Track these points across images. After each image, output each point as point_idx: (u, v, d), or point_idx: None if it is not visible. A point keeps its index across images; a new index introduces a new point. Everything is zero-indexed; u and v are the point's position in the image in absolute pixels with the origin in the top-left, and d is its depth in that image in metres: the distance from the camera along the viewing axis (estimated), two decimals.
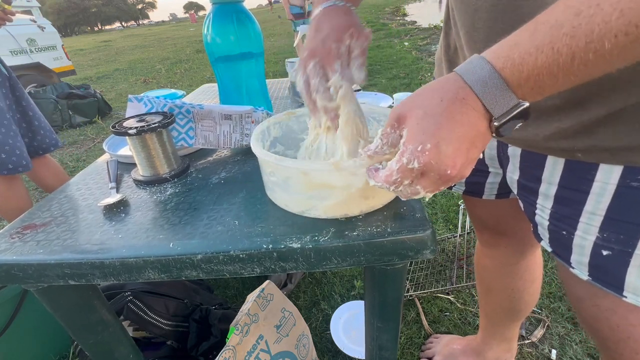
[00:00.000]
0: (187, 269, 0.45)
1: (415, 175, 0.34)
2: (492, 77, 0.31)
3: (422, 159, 0.32)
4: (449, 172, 0.33)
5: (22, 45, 4.29)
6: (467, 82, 0.32)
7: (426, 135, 0.33)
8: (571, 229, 0.46)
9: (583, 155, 0.42)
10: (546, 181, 0.47)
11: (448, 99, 0.33)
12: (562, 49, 0.28)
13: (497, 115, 0.32)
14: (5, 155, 1.24)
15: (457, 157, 0.33)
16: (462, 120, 0.32)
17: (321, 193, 0.45)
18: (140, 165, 0.63)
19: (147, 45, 13.22)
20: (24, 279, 0.47)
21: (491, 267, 0.83)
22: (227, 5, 0.77)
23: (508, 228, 0.74)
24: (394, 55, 5.57)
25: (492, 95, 0.32)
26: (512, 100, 0.32)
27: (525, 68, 0.30)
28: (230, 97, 0.86)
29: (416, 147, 0.33)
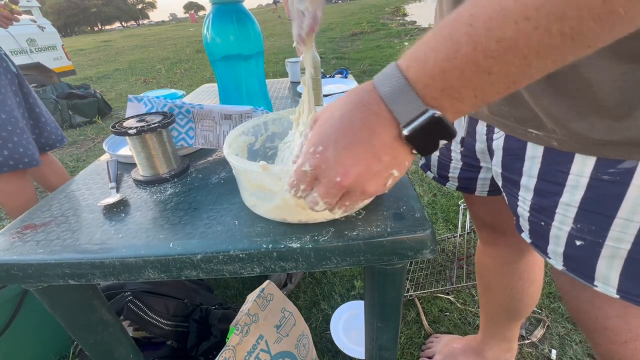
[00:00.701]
0: (186, 268, 0.45)
1: (309, 180, 0.33)
2: (397, 79, 0.29)
3: (312, 162, 0.31)
4: (338, 180, 0.31)
5: (22, 45, 4.29)
6: (376, 85, 0.30)
7: (321, 137, 0.31)
8: (549, 220, 0.47)
9: (558, 143, 0.42)
10: (526, 174, 0.48)
11: (352, 103, 0.31)
12: (461, 39, 0.25)
13: (404, 123, 0.29)
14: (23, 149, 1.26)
15: (351, 166, 0.30)
16: (360, 125, 0.30)
17: (261, 193, 0.46)
18: (140, 165, 0.63)
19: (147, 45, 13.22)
20: (24, 279, 0.47)
21: (491, 266, 0.84)
22: (227, 5, 0.77)
23: (506, 226, 0.74)
24: (394, 55, 5.57)
25: (396, 99, 0.29)
26: (418, 105, 0.28)
27: (428, 65, 0.27)
28: (230, 97, 0.86)
29: (309, 149, 0.32)
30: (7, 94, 1.27)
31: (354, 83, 1.30)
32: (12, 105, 1.27)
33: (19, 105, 1.31)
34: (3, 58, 1.29)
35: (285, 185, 0.36)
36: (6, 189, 1.31)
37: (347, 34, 8.52)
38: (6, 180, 1.29)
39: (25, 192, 1.35)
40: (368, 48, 6.26)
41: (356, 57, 5.72)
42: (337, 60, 5.68)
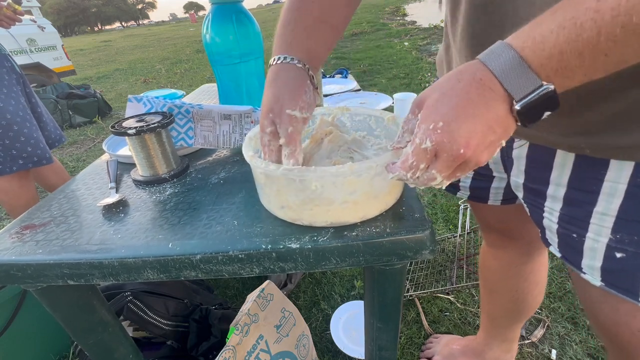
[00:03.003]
0: (186, 269, 0.45)
1: (429, 156, 0.33)
2: (512, 57, 0.30)
3: (434, 137, 0.32)
4: (462, 152, 0.31)
5: (22, 45, 4.29)
6: (487, 64, 0.31)
7: (439, 114, 0.32)
8: (582, 231, 0.45)
9: (591, 151, 0.41)
10: (554, 182, 0.46)
11: (465, 80, 0.32)
12: (585, 24, 0.26)
13: (518, 98, 0.30)
14: (31, 148, 1.28)
15: (471, 137, 0.31)
16: (477, 100, 0.31)
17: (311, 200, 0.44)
18: (139, 165, 0.63)
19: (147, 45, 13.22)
20: (23, 279, 0.47)
21: (497, 268, 0.82)
22: (227, 5, 0.77)
23: (515, 231, 0.73)
24: (394, 55, 5.57)
25: (511, 76, 0.30)
26: (534, 81, 0.30)
27: (547, 46, 0.28)
28: (230, 97, 0.86)
29: (428, 126, 0.32)
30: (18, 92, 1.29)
31: (354, 83, 1.30)
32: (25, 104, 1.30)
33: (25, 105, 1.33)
34: (8, 58, 1.30)
35: (391, 174, 0.36)
36: (9, 188, 1.31)
37: (347, 34, 8.51)
38: (10, 180, 1.30)
39: (27, 192, 1.36)
40: (368, 48, 6.25)
41: (356, 57, 5.72)
42: (337, 60, 5.68)
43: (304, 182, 0.41)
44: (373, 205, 0.45)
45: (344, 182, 0.41)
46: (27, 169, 1.30)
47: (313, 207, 0.44)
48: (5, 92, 1.25)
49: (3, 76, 1.25)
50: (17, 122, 1.25)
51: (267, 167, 0.42)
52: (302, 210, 0.45)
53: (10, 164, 1.26)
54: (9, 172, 1.26)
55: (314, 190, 0.42)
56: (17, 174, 1.29)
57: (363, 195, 0.43)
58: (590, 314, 0.54)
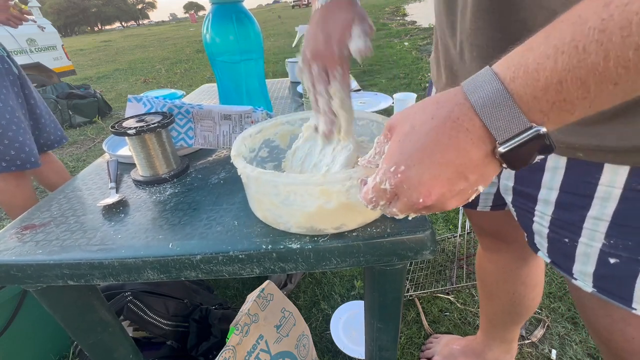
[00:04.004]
0: (186, 269, 0.45)
1: (389, 197, 0.31)
2: (497, 91, 0.26)
3: (393, 181, 0.29)
4: (421, 201, 0.29)
5: (22, 45, 4.29)
6: (469, 97, 0.27)
7: (403, 155, 0.29)
8: (574, 236, 0.44)
9: (585, 154, 0.39)
10: (546, 186, 0.45)
11: (439, 117, 0.28)
12: (589, 47, 0.22)
13: (501, 140, 0.26)
14: (14, 152, 1.27)
15: (434, 187, 0.28)
16: (448, 144, 0.27)
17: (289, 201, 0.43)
18: (139, 165, 0.63)
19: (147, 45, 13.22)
20: (23, 280, 0.47)
21: (493, 271, 0.82)
22: (227, 5, 0.77)
23: (509, 235, 0.73)
24: (394, 55, 5.57)
25: (494, 114, 0.26)
26: (521, 122, 0.26)
27: (542, 75, 0.24)
28: (230, 97, 0.86)
29: (389, 167, 0.29)
30: (10, 95, 1.28)
31: (354, 83, 1.30)
32: (14, 106, 1.28)
33: (21, 107, 1.32)
34: (5, 60, 1.30)
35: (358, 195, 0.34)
36: (5, 188, 1.31)
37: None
38: (6, 180, 1.30)
39: (24, 191, 1.36)
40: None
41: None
42: None
43: (277, 186, 0.41)
44: (351, 217, 0.44)
45: (315, 190, 0.40)
46: (9, 172, 1.29)
47: (287, 213, 0.43)
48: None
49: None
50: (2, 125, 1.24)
51: (245, 168, 0.42)
52: (278, 214, 0.45)
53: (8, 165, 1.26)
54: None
55: (286, 195, 0.41)
56: (13, 173, 1.29)
57: (340, 205, 0.41)
58: (585, 319, 0.54)
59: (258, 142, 0.57)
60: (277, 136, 0.59)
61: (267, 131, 0.57)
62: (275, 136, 0.58)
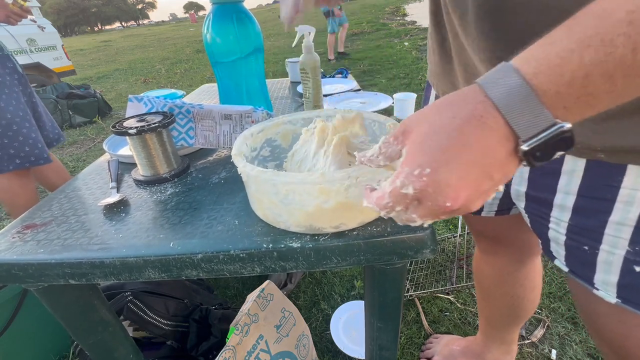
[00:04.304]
0: (187, 268, 0.45)
1: (408, 202, 0.29)
2: (519, 87, 0.25)
3: (417, 185, 0.27)
4: (448, 205, 0.27)
5: (22, 45, 4.29)
6: (489, 95, 0.26)
7: (427, 157, 0.27)
8: (594, 243, 0.41)
9: (606, 155, 0.37)
10: (562, 191, 0.43)
11: (462, 117, 0.27)
12: (616, 40, 0.22)
13: (525, 137, 0.25)
14: (28, 148, 1.31)
15: (462, 189, 0.27)
16: (474, 143, 0.26)
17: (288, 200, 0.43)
18: (140, 165, 0.63)
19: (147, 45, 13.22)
20: (24, 279, 0.47)
21: (490, 274, 0.82)
22: (227, 5, 0.77)
23: (507, 239, 0.72)
24: (394, 55, 5.58)
25: (517, 111, 0.25)
26: (545, 118, 0.25)
27: (568, 69, 0.23)
28: (230, 97, 0.86)
29: (412, 170, 0.27)
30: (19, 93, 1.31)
31: (354, 83, 1.30)
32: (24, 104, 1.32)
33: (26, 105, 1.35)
34: (10, 59, 1.32)
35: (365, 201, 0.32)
36: (8, 187, 1.33)
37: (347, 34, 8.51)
38: (9, 178, 1.31)
39: (28, 191, 1.37)
40: (368, 48, 6.26)
41: (356, 57, 5.72)
42: (337, 60, 5.68)
43: (276, 185, 0.41)
44: (350, 216, 0.43)
45: (313, 189, 0.40)
46: (24, 168, 1.32)
47: (286, 212, 0.43)
48: (7, 93, 1.27)
49: (5, 77, 1.28)
50: (17, 122, 1.27)
51: (245, 167, 0.43)
52: (277, 213, 0.45)
53: (7, 163, 1.28)
54: (5, 170, 1.28)
55: (285, 194, 0.41)
56: (17, 172, 1.31)
57: (338, 205, 0.41)
58: (592, 326, 0.51)
59: (260, 142, 0.57)
60: (279, 136, 0.59)
61: (269, 130, 0.57)
62: (277, 136, 0.59)
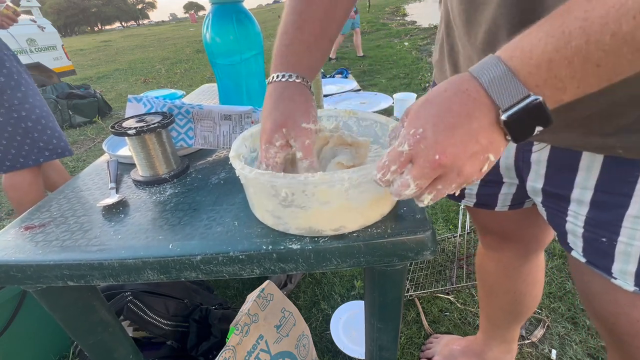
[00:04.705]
0: (186, 270, 0.45)
1: (403, 160, 0.33)
2: (499, 67, 0.30)
3: (411, 141, 0.32)
4: (437, 158, 0.31)
5: (22, 45, 4.29)
6: (475, 74, 0.31)
7: (420, 120, 0.32)
8: (613, 236, 0.43)
9: (625, 151, 0.39)
10: (580, 186, 0.45)
11: (451, 89, 0.32)
12: (574, 32, 0.26)
13: (504, 107, 0.30)
14: (56, 140, 1.36)
15: (449, 145, 0.31)
16: (459, 110, 0.31)
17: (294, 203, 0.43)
18: (139, 165, 0.63)
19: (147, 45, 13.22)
20: (23, 280, 0.47)
21: (494, 270, 0.82)
22: (227, 5, 0.77)
23: (513, 234, 0.73)
24: (394, 55, 5.57)
25: (497, 86, 0.30)
26: (520, 90, 0.29)
27: (535, 54, 0.28)
28: (230, 97, 0.86)
29: (409, 131, 0.32)
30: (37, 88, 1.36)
31: (354, 83, 1.30)
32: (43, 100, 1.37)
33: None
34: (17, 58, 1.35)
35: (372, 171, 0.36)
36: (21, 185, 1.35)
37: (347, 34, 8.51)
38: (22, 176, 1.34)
39: (37, 189, 1.40)
40: (368, 48, 6.25)
41: (356, 57, 5.72)
42: (337, 60, 5.68)
43: (275, 187, 0.41)
44: (350, 218, 0.43)
45: (314, 191, 0.40)
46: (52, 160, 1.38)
47: (285, 214, 0.43)
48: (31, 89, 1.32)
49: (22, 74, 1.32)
50: (44, 116, 1.32)
51: (243, 169, 0.42)
52: (277, 216, 0.44)
53: (37, 156, 1.32)
54: (32, 164, 1.32)
55: (284, 197, 0.41)
56: (30, 170, 1.34)
57: (339, 207, 0.41)
58: (589, 306, 0.54)
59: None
60: None
61: None
62: None
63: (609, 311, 0.50)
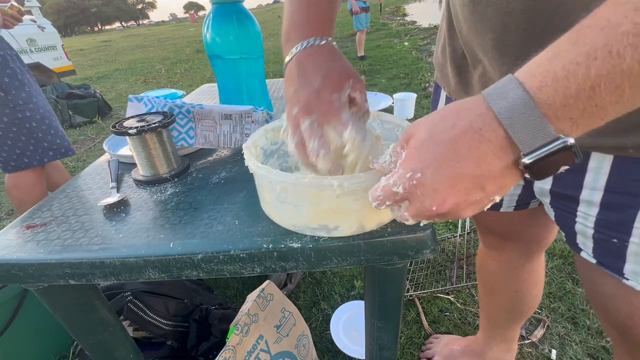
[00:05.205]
0: (187, 268, 0.45)
1: (398, 199, 0.31)
2: (522, 101, 0.25)
3: (407, 186, 0.29)
4: (434, 209, 0.29)
5: (22, 45, 4.30)
6: (492, 107, 0.26)
7: (420, 163, 0.29)
8: (624, 236, 0.42)
9: (635, 150, 0.38)
10: (589, 187, 0.44)
11: (461, 127, 0.27)
12: (624, 51, 0.22)
13: (526, 151, 0.26)
14: (59, 140, 1.37)
15: (449, 195, 0.28)
16: (468, 155, 0.27)
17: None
18: (140, 165, 0.63)
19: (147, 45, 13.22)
20: (24, 279, 0.47)
21: (495, 270, 0.82)
22: (227, 5, 0.77)
23: (515, 233, 0.72)
24: (394, 55, 5.57)
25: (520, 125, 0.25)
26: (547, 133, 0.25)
27: (574, 82, 0.23)
28: (230, 97, 0.86)
29: (406, 173, 0.29)
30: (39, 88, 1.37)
31: None
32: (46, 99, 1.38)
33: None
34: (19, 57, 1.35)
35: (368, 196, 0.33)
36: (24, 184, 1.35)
37: (347, 34, 8.52)
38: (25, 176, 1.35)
39: (40, 189, 1.40)
40: (368, 48, 6.25)
41: (356, 57, 5.72)
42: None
43: (271, 183, 0.41)
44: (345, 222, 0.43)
45: (305, 192, 0.40)
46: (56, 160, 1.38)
47: (281, 209, 0.45)
48: (35, 89, 1.33)
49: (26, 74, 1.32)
50: (47, 116, 1.32)
51: (248, 160, 0.43)
52: (275, 209, 0.46)
53: (42, 156, 1.32)
54: (37, 164, 1.32)
55: (279, 193, 0.42)
56: (33, 170, 1.34)
57: (329, 210, 0.41)
58: (601, 309, 0.53)
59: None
60: None
61: None
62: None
63: (623, 312, 0.49)
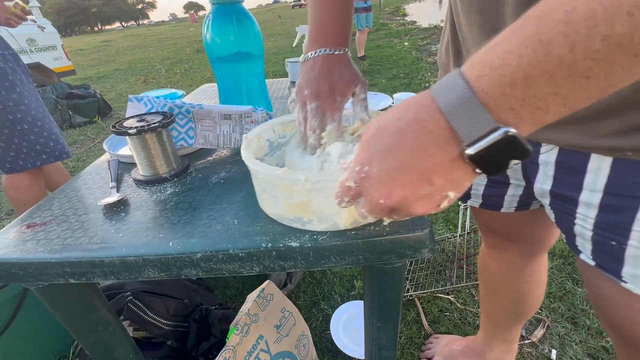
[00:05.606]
0: (186, 267, 0.45)
1: (353, 194, 0.32)
2: (462, 90, 0.25)
3: (357, 179, 0.30)
4: (381, 202, 0.29)
5: (22, 45, 4.30)
6: (436, 98, 0.26)
7: (367, 156, 0.29)
8: (622, 239, 0.42)
9: (634, 153, 0.38)
10: (588, 188, 0.43)
11: (406, 119, 0.27)
12: (554, 39, 0.21)
13: (468, 141, 0.25)
14: (53, 143, 1.34)
15: (395, 188, 0.28)
16: (411, 146, 0.27)
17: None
18: (140, 164, 0.63)
19: (147, 45, 13.23)
20: (25, 278, 0.47)
21: (497, 270, 0.81)
22: (227, 5, 0.77)
23: (517, 234, 0.72)
24: (394, 55, 5.58)
25: (460, 114, 0.25)
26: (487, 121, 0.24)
27: (508, 70, 0.23)
28: (230, 97, 0.86)
29: (355, 167, 0.30)
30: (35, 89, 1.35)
31: None
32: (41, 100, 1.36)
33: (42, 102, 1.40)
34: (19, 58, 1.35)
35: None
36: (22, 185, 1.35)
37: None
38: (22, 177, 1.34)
39: (38, 190, 1.39)
40: (368, 48, 6.25)
41: (356, 57, 5.72)
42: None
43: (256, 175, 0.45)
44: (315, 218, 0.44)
45: (280, 184, 0.42)
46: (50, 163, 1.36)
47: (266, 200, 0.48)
48: (27, 90, 1.30)
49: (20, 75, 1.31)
50: (40, 119, 1.30)
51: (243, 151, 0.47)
52: (260, 198, 0.49)
53: (34, 159, 1.31)
54: (31, 167, 1.31)
55: (260, 182, 0.46)
56: (30, 172, 1.33)
57: (301, 204, 0.43)
58: (601, 311, 0.53)
59: (291, 130, 0.59)
60: None
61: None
62: None
63: (623, 316, 0.49)
